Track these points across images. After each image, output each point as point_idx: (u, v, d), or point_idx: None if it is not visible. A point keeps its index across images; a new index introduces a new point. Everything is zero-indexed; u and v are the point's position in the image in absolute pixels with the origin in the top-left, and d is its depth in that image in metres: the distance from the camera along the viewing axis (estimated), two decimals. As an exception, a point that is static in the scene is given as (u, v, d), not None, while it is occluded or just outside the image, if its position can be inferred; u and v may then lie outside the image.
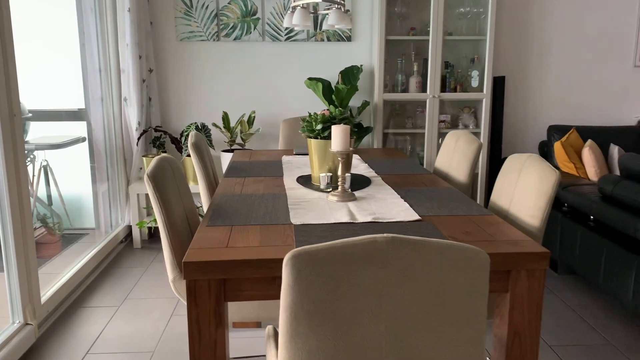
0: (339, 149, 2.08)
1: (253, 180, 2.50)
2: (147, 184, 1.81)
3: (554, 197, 1.87)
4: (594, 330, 2.75)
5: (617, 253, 2.75)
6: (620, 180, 2.90)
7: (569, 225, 3.24)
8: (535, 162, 2.00)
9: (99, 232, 4.07)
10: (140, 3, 3.81)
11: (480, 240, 1.62)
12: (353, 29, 4.13)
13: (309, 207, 2.01)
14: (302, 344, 1.12)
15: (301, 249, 1.07)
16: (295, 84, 4.19)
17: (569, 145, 3.76)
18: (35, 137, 3.71)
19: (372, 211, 1.94)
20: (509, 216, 2.09)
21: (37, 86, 3.76)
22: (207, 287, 1.48)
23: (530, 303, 1.57)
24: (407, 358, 1.13)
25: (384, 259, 1.06)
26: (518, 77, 4.27)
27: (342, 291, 1.09)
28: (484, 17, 3.99)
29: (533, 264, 1.54)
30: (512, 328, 1.58)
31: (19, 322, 2.53)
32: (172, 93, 4.17)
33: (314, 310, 1.09)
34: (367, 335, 1.11)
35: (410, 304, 1.10)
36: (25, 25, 3.57)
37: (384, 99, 3.98)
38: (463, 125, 4.15)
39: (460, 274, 1.09)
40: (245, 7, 4.04)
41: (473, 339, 1.14)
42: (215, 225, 1.78)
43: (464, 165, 2.68)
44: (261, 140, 4.26)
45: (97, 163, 4.03)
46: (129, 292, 3.21)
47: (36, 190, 3.64)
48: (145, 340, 2.65)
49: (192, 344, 1.51)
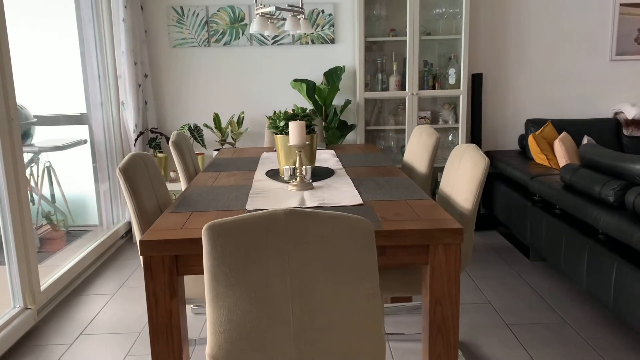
0: (295, 143, 2.29)
1: (227, 174, 2.73)
2: (118, 177, 2.05)
3: (483, 181, 2.06)
4: (552, 310, 2.92)
5: (574, 238, 2.92)
6: (578, 169, 3.06)
7: (537, 213, 3.40)
8: (471, 151, 2.19)
9: (101, 228, 4.34)
10: (134, 13, 4.08)
11: (406, 220, 1.82)
12: (336, 32, 4.35)
13: (267, 196, 2.23)
14: (223, 302, 1.34)
15: (215, 221, 1.29)
16: (282, 85, 4.42)
17: (541, 138, 3.92)
18: (40, 140, 4.00)
19: (322, 198, 2.16)
20: (450, 200, 2.29)
21: (42, 93, 4.05)
22: (161, 262, 1.71)
23: (449, 274, 1.77)
24: (312, 311, 1.34)
25: (283, 228, 1.28)
26: (496, 73, 4.44)
27: (252, 256, 1.30)
28: (460, 17, 4.17)
29: (448, 239, 1.74)
30: (433, 296, 1.78)
31: (19, 307, 2.80)
32: (166, 96, 4.44)
33: (229, 272, 1.31)
34: (276, 292, 1.32)
35: (310, 265, 1.31)
36: (31, 37, 3.86)
37: (365, 98, 4.19)
38: (443, 120, 4.33)
39: (349, 239, 1.30)
40: (233, 14, 4.29)
41: (368, 295, 1.35)
42: (177, 212, 2.01)
43: (425, 157, 2.87)
44: (250, 139, 4.50)
45: (98, 163, 4.31)
46: (125, 281, 3.47)
47: (40, 189, 3.93)
48: (134, 323, 2.89)
49: (150, 314, 1.74)
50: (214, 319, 1.35)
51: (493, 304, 3.02)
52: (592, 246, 2.72)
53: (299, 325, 1.33)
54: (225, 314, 1.34)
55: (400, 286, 2.14)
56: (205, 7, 4.26)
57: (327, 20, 4.31)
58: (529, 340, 2.60)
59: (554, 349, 2.52)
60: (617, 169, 2.74)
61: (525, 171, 3.70)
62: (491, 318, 2.85)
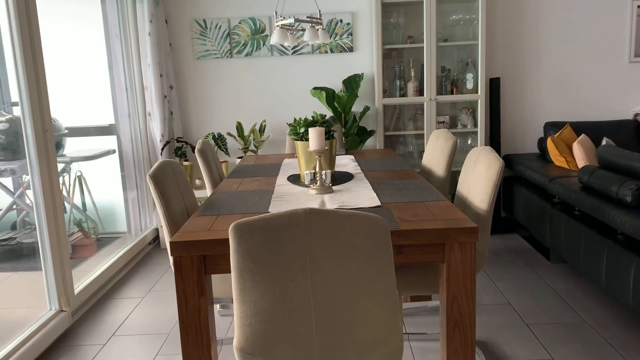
0: (315, 148, 2.39)
1: (250, 180, 2.84)
2: (149, 182, 2.17)
3: (498, 183, 2.13)
4: (572, 310, 2.95)
5: (593, 238, 2.94)
6: (596, 170, 3.09)
7: (556, 215, 3.43)
8: (486, 153, 2.26)
9: (129, 235, 4.49)
10: (159, 27, 4.24)
11: (423, 220, 1.90)
12: (354, 40, 4.44)
13: (289, 199, 2.32)
14: (249, 296, 1.44)
15: (241, 220, 1.39)
16: (302, 94, 4.53)
17: (560, 140, 3.95)
18: (71, 151, 4.18)
19: (341, 201, 2.24)
20: (467, 202, 2.35)
21: (73, 105, 4.23)
22: (190, 262, 1.82)
23: (465, 271, 1.84)
24: (332, 304, 1.42)
25: (303, 226, 1.37)
26: (514, 77, 4.48)
27: (275, 252, 1.40)
28: (476, 23, 4.23)
29: (464, 238, 1.81)
30: (450, 293, 1.85)
31: (55, 309, 2.94)
32: (191, 106, 4.58)
33: (254, 268, 1.41)
34: (298, 287, 1.41)
35: (329, 261, 1.40)
36: (63, 53, 4.04)
37: (384, 104, 4.27)
38: (462, 125, 4.39)
39: (365, 237, 1.38)
40: (254, 25, 4.42)
41: (385, 290, 1.43)
42: (204, 215, 2.12)
43: (443, 160, 2.94)
44: (272, 146, 4.61)
45: (126, 172, 4.47)
46: (153, 285, 3.60)
47: (72, 198, 4.10)
48: (163, 325, 3.01)
49: (180, 311, 1.85)
50: (241, 312, 1.45)
51: (513, 304, 3.05)
52: (611, 246, 2.74)
53: (320, 317, 1.41)
54: (251, 307, 1.43)
55: (418, 284, 2.21)
56: (227, 20, 4.41)
57: (346, 29, 4.41)
58: (549, 340, 2.64)
59: (573, 348, 2.55)
60: (634, 169, 2.77)
61: (544, 174, 3.73)
62: (511, 318, 2.89)
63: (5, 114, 3.56)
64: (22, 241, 3.81)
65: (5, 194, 3.70)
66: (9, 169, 3.54)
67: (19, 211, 3.84)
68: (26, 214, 3.84)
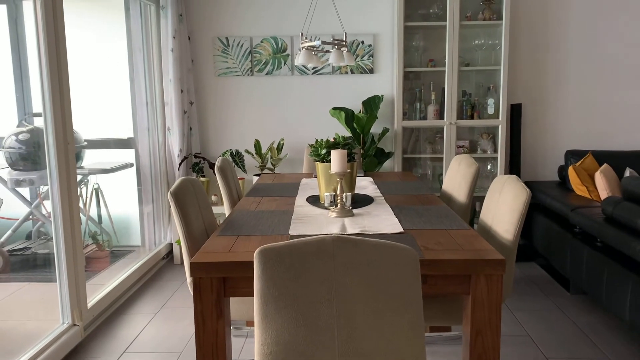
0: (337, 171, 2.36)
1: (269, 199, 2.82)
2: (169, 200, 2.15)
3: (525, 213, 2.08)
4: (594, 345, 2.87)
5: (617, 271, 2.87)
6: (620, 202, 3.03)
7: (578, 246, 3.36)
8: (512, 182, 2.21)
9: (143, 249, 4.48)
10: (182, 43, 4.27)
11: (448, 249, 1.86)
12: (375, 62, 4.44)
13: (309, 221, 2.29)
14: (271, 324, 1.40)
15: (267, 245, 1.36)
16: (321, 113, 4.52)
17: (582, 169, 3.89)
18: (89, 163, 4.19)
19: (363, 225, 2.21)
20: (491, 231, 2.30)
21: (93, 118, 4.26)
22: (209, 284, 1.79)
23: (490, 304, 1.79)
24: (355, 336, 1.38)
25: (331, 254, 1.33)
26: (535, 103, 4.44)
27: (300, 280, 1.36)
28: (499, 48, 4.21)
29: (490, 270, 1.76)
30: (474, 327, 1.80)
31: (68, 323, 2.91)
32: (210, 123, 4.59)
33: (278, 295, 1.37)
34: (322, 316, 1.37)
35: (355, 291, 1.36)
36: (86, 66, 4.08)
37: (403, 126, 4.25)
38: (481, 150, 4.34)
39: (394, 267, 1.34)
40: (276, 44, 4.43)
41: (411, 324, 1.39)
42: (224, 235, 2.09)
43: (464, 186, 2.90)
44: (289, 165, 4.60)
45: (143, 186, 4.47)
46: (166, 302, 3.57)
47: (88, 209, 4.10)
48: (175, 343, 2.97)
49: (197, 333, 1.81)
50: (262, 341, 1.41)
51: (532, 336, 2.98)
52: (636, 280, 2.67)
53: (343, 349, 1.37)
54: (273, 335, 1.40)
55: (440, 315, 2.16)
56: (249, 38, 4.43)
57: (367, 50, 4.41)
58: (570, 375, 2.56)
59: (596, 385, 2.47)
60: (661, 202, 2.70)
61: (565, 203, 3.67)
62: (531, 351, 2.81)
63: (27, 124, 3.58)
64: (37, 251, 3.81)
65: (22, 204, 3.71)
66: (27, 179, 3.55)
67: (34, 221, 3.84)
68: (42, 225, 3.85)
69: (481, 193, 4.24)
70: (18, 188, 3.66)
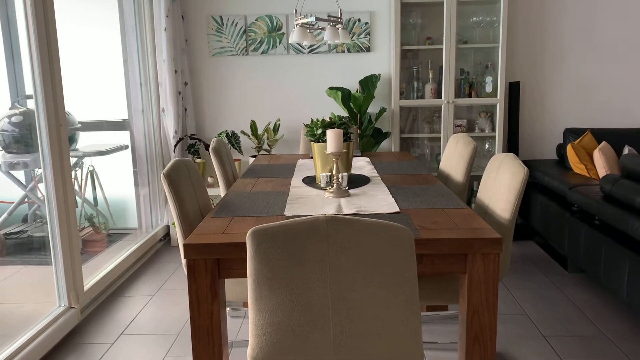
0: (333, 151, 2.33)
1: (264, 180, 2.79)
2: (163, 182, 2.12)
3: (522, 191, 2.06)
4: (591, 322, 2.87)
5: (615, 249, 2.86)
6: (619, 179, 3.01)
7: (576, 224, 3.35)
8: (509, 160, 2.19)
9: (140, 231, 4.46)
10: (175, 22, 4.20)
11: (444, 228, 1.84)
12: (372, 40, 4.38)
13: (305, 202, 2.27)
14: (265, 304, 1.38)
15: (259, 226, 1.33)
16: (317, 93, 4.47)
17: (580, 147, 3.86)
18: (84, 145, 4.15)
19: (359, 205, 2.18)
20: (488, 210, 2.28)
21: (86, 99, 4.20)
22: (203, 265, 1.77)
23: (487, 283, 1.77)
24: (350, 316, 1.37)
25: (325, 234, 1.31)
26: (534, 81, 4.39)
27: (294, 260, 1.34)
28: (497, 25, 4.15)
29: (487, 248, 1.74)
30: (471, 306, 1.79)
31: (64, 306, 2.91)
32: (205, 104, 4.54)
33: (272, 276, 1.35)
34: (316, 297, 1.36)
35: (350, 271, 1.34)
36: (78, 47, 4.02)
37: (401, 105, 4.20)
38: (479, 129, 4.31)
39: (389, 247, 1.32)
40: (271, 23, 4.37)
41: (406, 302, 1.37)
42: (219, 217, 2.07)
43: (462, 165, 2.87)
44: (286, 145, 4.56)
45: (139, 168, 4.44)
46: (163, 284, 3.56)
47: (84, 192, 4.07)
48: (172, 325, 2.97)
49: (192, 315, 1.80)
50: (256, 321, 1.40)
51: (529, 315, 2.98)
52: (633, 258, 2.66)
53: (338, 329, 1.36)
54: (267, 316, 1.38)
55: (436, 294, 2.15)
56: (244, 17, 4.36)
57: (363, 29, 4.35)
58: (566, 352, 2.56)
59: (592, 363, 2.48)
60: (660, 180, 2.68)
61: (563, 181, 3.65)
62: (527, 329, 2.81)
63: (20, 106, 3.53)
64: (33, 234, 3.79)
65: (17, 187, 3.68)
66: (21, 162, 3.51)
67: (30, 204, 3.82)
68: (37, 208, 3.82)
69: (479, 172, 4.21)
70: (12, 171, 3.63)
